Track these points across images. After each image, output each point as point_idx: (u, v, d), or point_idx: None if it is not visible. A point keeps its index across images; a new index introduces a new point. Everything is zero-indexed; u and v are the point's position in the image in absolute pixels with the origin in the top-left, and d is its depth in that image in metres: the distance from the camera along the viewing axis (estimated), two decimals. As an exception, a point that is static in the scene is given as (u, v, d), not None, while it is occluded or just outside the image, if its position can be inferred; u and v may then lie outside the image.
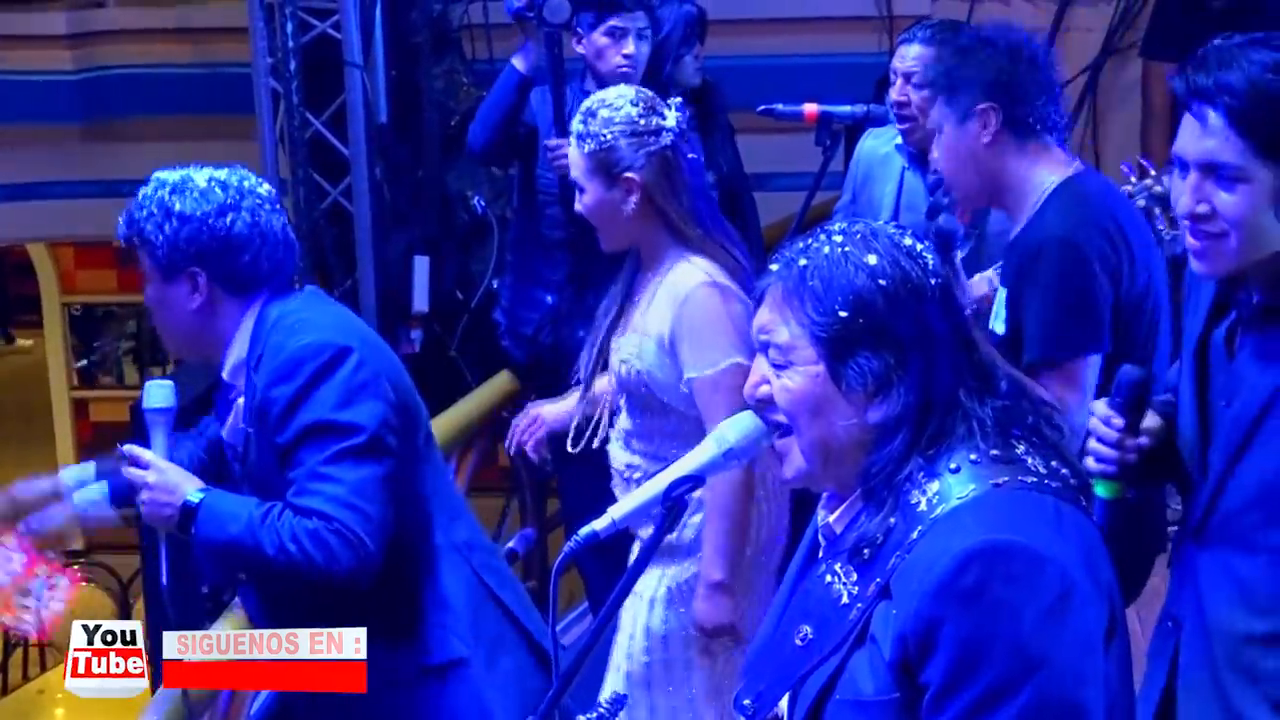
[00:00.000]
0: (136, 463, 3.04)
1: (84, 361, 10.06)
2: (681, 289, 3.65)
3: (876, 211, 4.56)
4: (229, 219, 3.02)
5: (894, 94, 4.52)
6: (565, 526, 5.58)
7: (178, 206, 3.03)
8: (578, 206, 3.79)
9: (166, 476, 3.01)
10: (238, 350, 3.07)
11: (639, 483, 3.74)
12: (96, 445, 9.88)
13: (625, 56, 4.90)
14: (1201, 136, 2.40)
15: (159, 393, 3.09)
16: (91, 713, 7.10)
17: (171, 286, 3.07)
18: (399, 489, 2.96)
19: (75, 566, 9.40)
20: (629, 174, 3.65)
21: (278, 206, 3.12)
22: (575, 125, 3.72)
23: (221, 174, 3.08)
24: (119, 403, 8.52)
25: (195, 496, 2.97)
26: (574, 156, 3.73)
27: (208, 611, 5.62)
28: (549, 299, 5.05)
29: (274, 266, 3.07)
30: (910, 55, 4.51)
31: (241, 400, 3.08)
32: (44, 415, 10.19)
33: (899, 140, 4.58)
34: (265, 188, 3.12)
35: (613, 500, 3.07)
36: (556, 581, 2.29)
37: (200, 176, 3.06)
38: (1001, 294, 3.58)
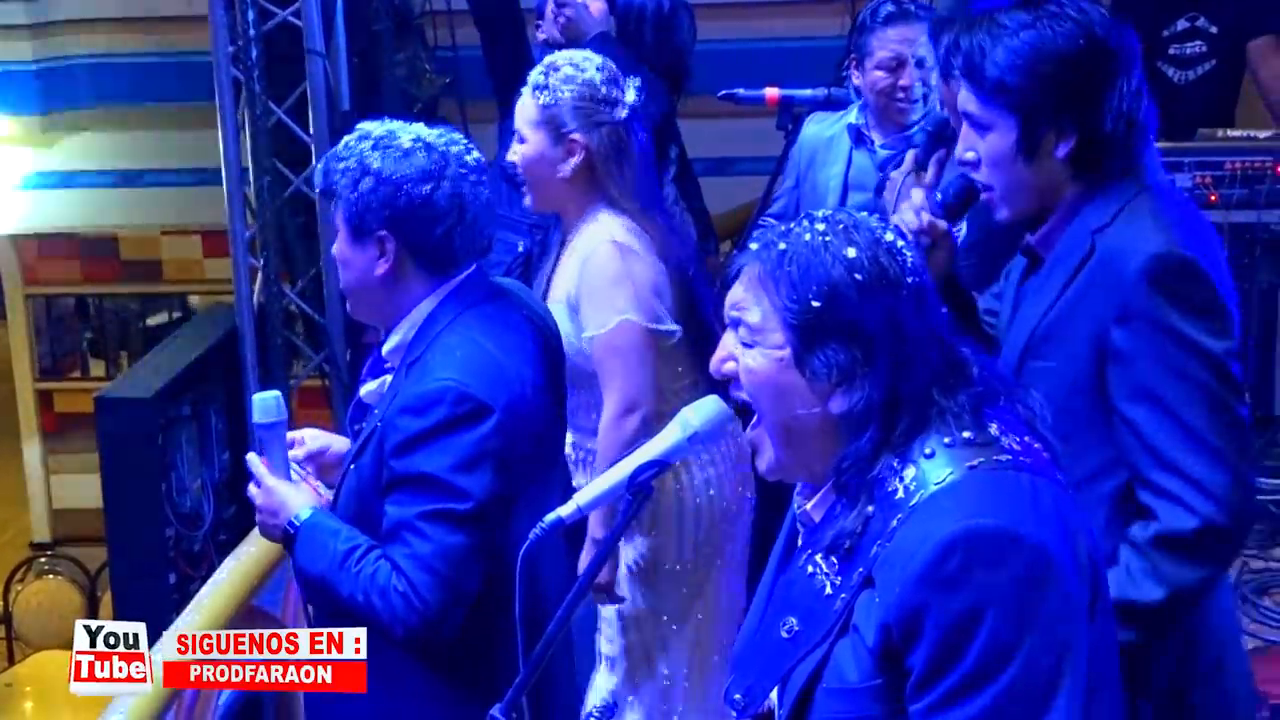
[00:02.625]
0: (253, 478, 2.95)
1: (48, 353, 10.00)
2: (586, 248, 3.62)
3: (823, 194, 4.53)
4: (428, 187, 2.83)
5: (906, 80, 4.38)
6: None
7: (376, 164, 2.83)
8: (511, 155, 3.73)
9: (273, 496, 2.91)
10: (404, 333, 2.92)
11: (582, 463, 3.73)
12: (62, 436, 9.84)
13: (556, 4, 4.89)
14: (960, 92, 2.70)
15: (264, 406, 2.94)
16: (60, 707, 7.09)
17: (359, 247, 2.89)
18: (491, 561, 2.79)
19: (42, 559, 9.36)
20: (576, 136, 3.62)
21: (483, 178, 2.91)
22: (534, 76, 3.67)
23: (431, 134, 2.89)
24: (84, 394, 8.46)
25: (297, 520, 2.87)
26: (525, 105, 3.68)
27: (175, 604, 5.62)
28: (521, 244, 5.04)
29: (468, 244, 2.89)
30: (924, 39, 4.43)
31: (389, 380, 2.95)
32: (8, 407, 10.13)
33: (850, 120, 4.55)
34: (474, 155, 2.91)
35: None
36: (523, 569, 2.29)
37: (406, 135, 2.86)
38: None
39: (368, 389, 3.04)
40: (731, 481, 3.81)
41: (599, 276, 3.59)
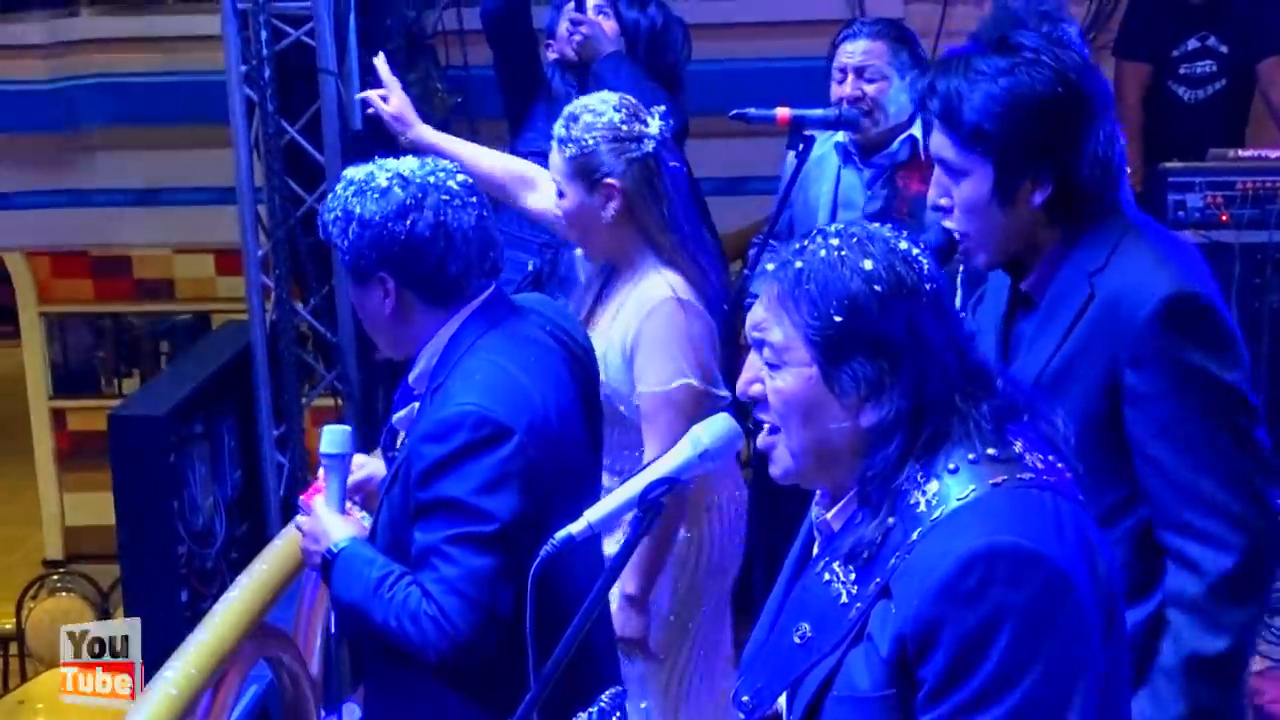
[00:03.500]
0: (302, 505, 3.00)
1: (61, 371, 10.03)
2: (648, 301, 3.64)
3: (814, 211, 4.61)
4: (409, 220, 2.87)
5: (847, 89, 4.55)
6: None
7: (358, 210, 2.90)
8: (556, 209, 3.79)
9: (317, 524, 2.96)
10: (426, 361, 2.96)
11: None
12: (75, 454, 9.85)
13: (572, 22, 4.90)
14: (932, 136, 2.65)
15: (332, 437, 3.01)
16: (72, 722, 7.09)
17: (363, 290, 2.96)
18: (520, 580, 2.70)
19: (54, 576, 9.38)
20: (610, 180, 3.65)
21: (471, 199, 2.94)
22: (557, 130, 3.72)
23: (408, 167, 2.93)
24: (97, 412, 8.47)
25: (335, 549, 2.91)
26: (555, 160, 3.73)
27: (187, 622, 5.63)
28: (531, 263, 5.05)
29: (466, 267, 2.92)
30: (860, 50, 4.56)
31: (418, 407, 2.99)
32: (21, 425, 10.15)
33: (838, 138, 4.63)
34: (459, 179, 2.94)
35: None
36: (533, 586, 2.30)
37: (383, 174, 2.92)
38: None
39: (399, 417, 3.09)
40: (722, 536, 3.85)
41: (660, 333, 3.63)
